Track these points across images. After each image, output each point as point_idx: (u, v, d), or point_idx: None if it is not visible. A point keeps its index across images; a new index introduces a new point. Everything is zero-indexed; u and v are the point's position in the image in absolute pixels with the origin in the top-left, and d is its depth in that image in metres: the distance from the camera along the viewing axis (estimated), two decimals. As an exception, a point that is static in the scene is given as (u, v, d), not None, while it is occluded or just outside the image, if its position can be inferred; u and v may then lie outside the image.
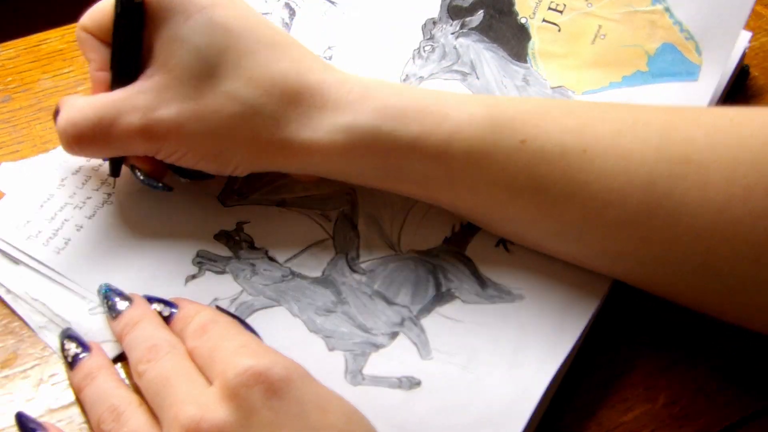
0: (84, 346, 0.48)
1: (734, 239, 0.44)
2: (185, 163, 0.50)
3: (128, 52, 0.50)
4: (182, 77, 0.49)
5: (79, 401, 0.47)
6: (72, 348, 0.48)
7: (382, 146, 0.48)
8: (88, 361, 0.47)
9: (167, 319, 0.48)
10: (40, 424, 0.46)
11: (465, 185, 0.49)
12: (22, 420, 0.46)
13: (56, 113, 0.51)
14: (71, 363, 0.47)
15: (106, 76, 0.51)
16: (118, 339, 0.48)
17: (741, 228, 0.44)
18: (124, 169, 0.53)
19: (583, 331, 0.49)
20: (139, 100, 0.49)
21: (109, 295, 0.49)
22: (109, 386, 0.46)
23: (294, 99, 0.49)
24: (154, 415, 0.43)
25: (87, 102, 0.50)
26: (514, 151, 0.47)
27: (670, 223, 0.45)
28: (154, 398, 0.43)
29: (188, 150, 0.50)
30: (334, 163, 0.50)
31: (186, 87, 0.49)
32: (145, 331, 0.47)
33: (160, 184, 0.52)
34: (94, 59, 0.52)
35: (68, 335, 0.48)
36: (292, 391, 0.40)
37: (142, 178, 0.52)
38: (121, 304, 0.48)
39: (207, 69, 0.49)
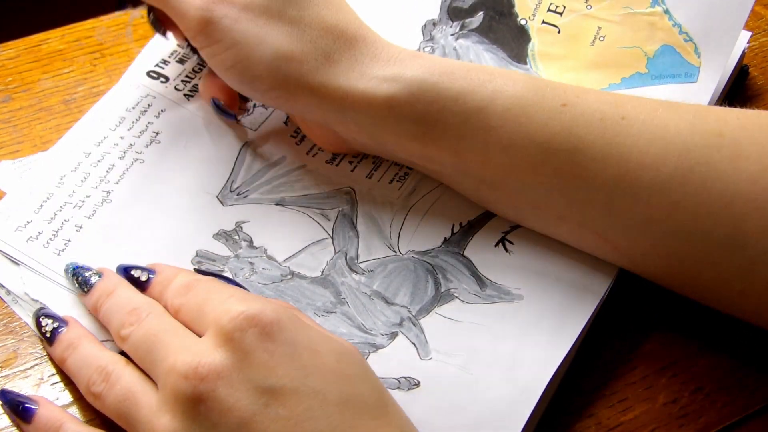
0: (60, 320, 0.48)
1: (765, 208, 0.45)
2: (219, 62, 0.52)
3: None
4: None
5: (76, 392, 0.47)
6: (49, 324, 0.48)
7: (425, 97, 0.49)
8: (67, 333, 0.47)
9: (146, 284, 0.48)
10: (27, 398, 0.46)
11: (500, 143, 0.49)
12: (8, 398, 0.46)
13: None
14: (50, 338, 0.48)
15: None
16: (93, 312, 0.48)
17: None
18: None
19: (583, 330, 0.49)
20: None
21: (78, 272, 0.49)
22: (93, 351, 0.46)
23: (350, 42, 0.51)
24: (144, 372, 0.44)
25: None
26: (555, 113, 0.48)
27: (702, 190, 0.46)
28: (144, 357, 0.44)
29: (230, 46, 0.51)
30: (374, 113, 0.50)
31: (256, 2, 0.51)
32: (120, 298, 0.47)
33: (233, 115, 0.56)
34: None
35: (43, 313, 0.49)
36: (284, 332, 0.41)
37: (216, 108, 0.56)
38: (92, 278, 0.49)
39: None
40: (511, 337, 0.48)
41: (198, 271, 0.51)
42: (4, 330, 0.50)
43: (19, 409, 0.46)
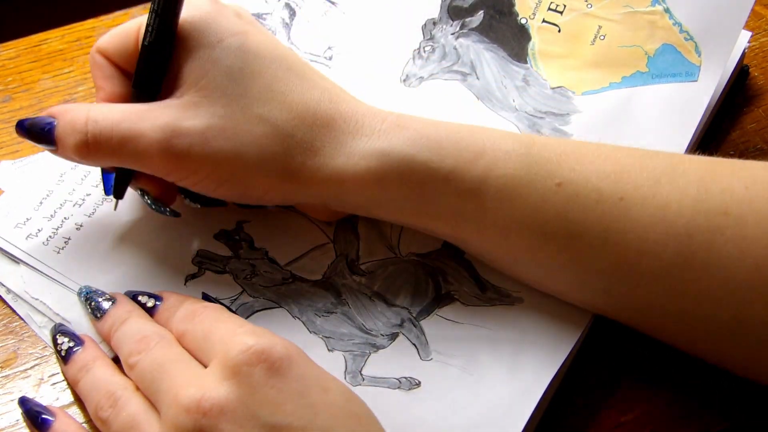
0: (77, 339, 0.48)
1: None
2: (204, 187, 0.49)
3: (155, 69, 0.49)
4: (213, 96, 0.47)
5: (75, 396, 0.47)
6: (65, 342, 0.48)
7: (416, 177, 0.47)
8: (82, 354, 0.47)
9: (152, 310, 0.48)
10: (46, 408, 0.46)
11: (496, 226, 0.47)
12: (27, 407, 0.47)
13: (46, 125, 0.49)
14: (65, 357, 0.47)
15: None
16: (105, 339, 0.48)
17: None
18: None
19: (583, 332, 0.49)
20: (166, 114, 0.47)
21: (91, 297, 0.49)
22: (104, 375, 0.46)
23: (327, 124, 0.48)
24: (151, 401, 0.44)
25: (109, 107, 0.48)
26: (550, 194, 0.46)
27: (704, 276, 0.44)
28: (149, 386, 0.43)
29: (212, 171, 0.47)
30: (367, 192, 0.48)
31: (216, 106, 0.47)
32: (132, 326, 0.47)
33: (168, 210, 0.51)
34: (104, 87, 0.50)
35: (60, 330, 0.48)
36: (293, 369, 0.41)
37: (149, 201, 0.51)
38: (104, 304, 0.48)
39: (239, 91, 0.47)
40: (512, 339, 0.48)
41: (205, 297, 0.50)
42: (4, 330, 0.50)
43: (38, 421, 0.46)
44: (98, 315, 0.48)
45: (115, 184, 0.51)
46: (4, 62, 0.62)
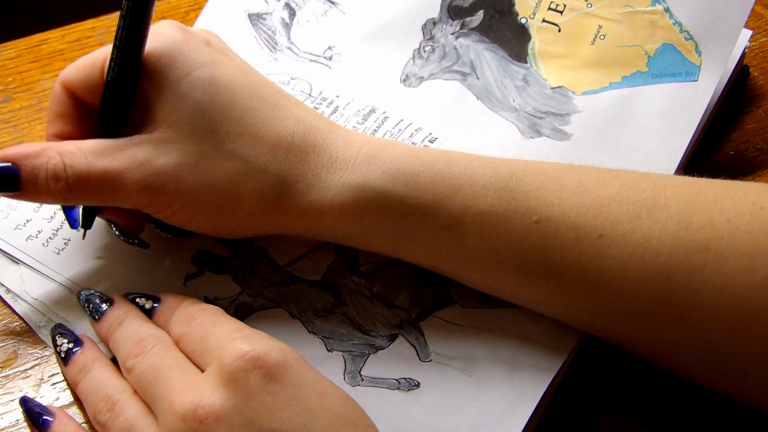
0: (77, 340, 0.48)
1: (750, 331, 0.43)
2: (179, 220, 0.48)
3: (120, 105, 0.48)
4: (183, 133, 0.46)
5: (75, 395, 0.47)
6: (65, 343, 0.48)
7: (392, 211, 0.47)
8: (81, 355, 0.47)
9: (150, 312, 0.48)
10: (46, 409, 0.46)
11: (475, 262, 0.47)
12: (28, 406, 0.47)
13: (11, 173, 0.46)
14: (64, 358, 0.47)
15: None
16: (104, 340, 0.48)
17: (758, 319, 0.43)
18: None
19: (582, 333, 0.49)
20: (139, 151, 0.46)
21: (90, 299, 0.49)
22: (103, 377, 0.46)
23: (300, 157, 0.47)
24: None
25: (78, 147, 0.47)
26: (528, 232, 0.45)
27: (683, 314, 0.44)
28: (146, 390, 0.43)
29: (185, 205, 0.47)
30: (344, 225, 0.48)
31: (187, 143, 0.46)
32: (129, 328, 0.46)
33: (136, 241, 0.51)
34: (55, 124, 0.49)
35: (60, 331, 0.48)
36: (290, 375, 0.41)
37: (117, 233, 0.51)
38: (102, 306, 0.48)
39: (209, 126, 0.46)
40: (511, 341, 0.48)
41: (206, 299, 0.50)
42: (4, 330, 0.50)
43: (38, 421, 0.46)
44: (96, 317, 0.48)
45: (84, 216, 0.50)
46: (4, 62, 0.62)
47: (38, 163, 0.46)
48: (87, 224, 0.50)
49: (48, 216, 0.53)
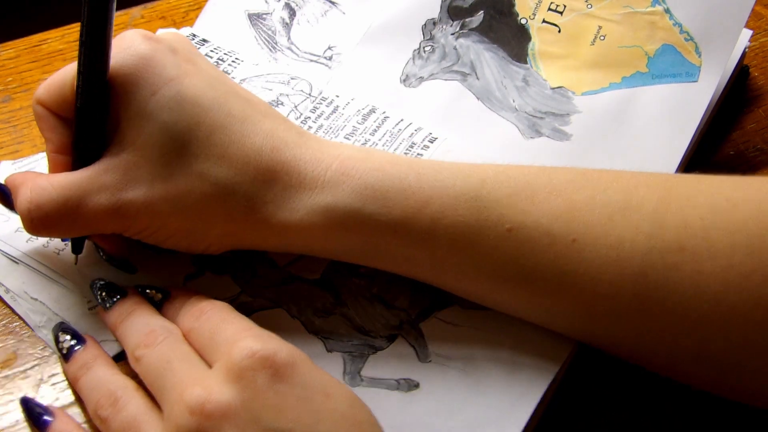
0: (79, 338, 0.48)
1: (729, 329, 0.43)
2: (154, 240, 0.48)
3: (93, 133, 0.48)
4: (151, 156, 0.46)
5: (76, 393, 0.47)
6: (67, 340, 0.48)
7: (363, 228, 0.47)
8: (83, 353, 0.47)
9: (159, 305, 0.48)
10: (46, 409, 0.46)
11: (450, 272, 0.47)
12: (28, 405, 0.47)
13: (5, 194, 0.49)
14: (66, 355, 0.47)
15: (65, 158, 0.49)
16: (112, 329, 0.48)
17: (736, 317, 0.42)
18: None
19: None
20: (106, 179, 0.46)
21: (103, 288, 0.49)
22: (105, 374, 0.46)
23: (269, 178, 0.47)
24: (151, 399, 0.44)
25: (50, 182, 0.47)
26: (501, 240, 0.45)
27: (662, 313, 0.44)
28: (154, 382, 0.43)
29: (158, 229, 0.47)
30: (314, 243, 0.48)
31: (155, 166, 0.46)
32: (140, 318, 0.47)
33: (124, 263, 0.51)
34: (52, 139, 0.49)
35: (63, 328, 0.49)
36: (297, 375, 0.41)
37: (104, 258, 0.51)
38: (115, 296, 0.49)
39: (177, 147, 0.46)
40: (511, 341, 0.48)
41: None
42: (4, 330, 0.50)
43: (39, 421, 0.46)
44: (107, 306, 0.48)
45: (72, 242, 0.51)
46: (4, 62, 0.62)
47: (18, 198, 0.47)
48: (76, 249, 0.51)
49: (48, 216, 0.53)
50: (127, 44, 0.48)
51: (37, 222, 0.47)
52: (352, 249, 0.48)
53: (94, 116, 0.47)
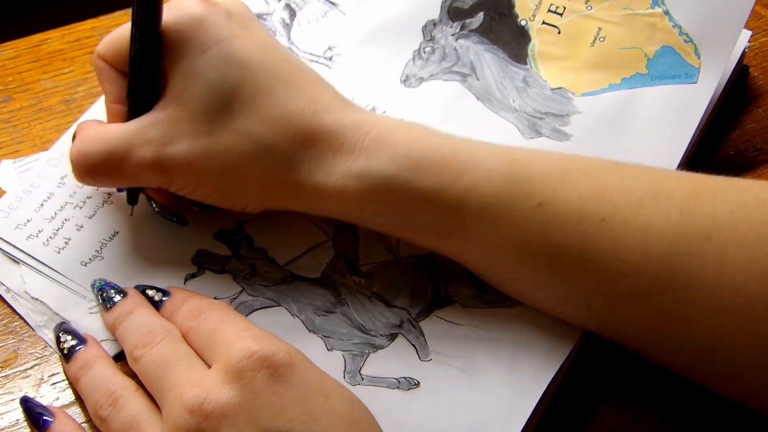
0: (80, 338, 0.48)
1: (748, 320, 0.43)
2: (196, 197, 0.50)
3: (146, 84, 0.49)
4: (195, 111, 0.48)
5: (76, 392, 0.47)
6: (68, 340, 0.48)
7: (396, 195, 0.47)
8: (84, 353, 0.47)
9: (158, 304, 0.48)
10: (47, 409, 0.46)
11: (477, 242, 0.47)
12: (28, 405, 0.47)
13: (74, 137, 0.51)
14: (67, 355, 0.48)
15: (121, 108, 0.50)
16: (112, 329, 0.48)
17: (756, 309, 0.43)
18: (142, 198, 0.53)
19: (582, 333, 0.49)
20: (151, 133, 0.48)
21: (104, 288, 0.49)
22: (106, 374, 0.46)
23: (308, 141, 0.48)
24: (151, 399, 0.44)
25: (98, 133, 0.49)
26: (531, 214, 0.46)
27: (683, 299, 0.44)
28: (153, 382, 0.44)
29: (199, 185, 0.49)
30: (346, 208, 0.49)
31: (198, 122, 0.48)
32: (139, 318, 0.47)
33: (175, 218, 0.53)
34: (110, 90, 0.51)
35: (64, 328, 0.49)
36: (295, 376, 0.41)
37: (157, 209, 0.52)
38: (116, 297, 0.49)
39: (221, 104, 0.48)
40: (511, 340, 0.48)
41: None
42: (4, 330, 0.50)
43: (39, 421, 0.46)
44: (108, 306, 0.49)
45: (128, 193, 0.52)
46: (4, 62, 0.62)
47: (72, 146, 0.50)
48: (132, 200, 0.52)
49: (49, 216, 0.53)
50: (184, 5, 0.50)
51: (84, 170, 0.49)
52: (384, 216, 0.48)
53: (147, 66, 0.49)
